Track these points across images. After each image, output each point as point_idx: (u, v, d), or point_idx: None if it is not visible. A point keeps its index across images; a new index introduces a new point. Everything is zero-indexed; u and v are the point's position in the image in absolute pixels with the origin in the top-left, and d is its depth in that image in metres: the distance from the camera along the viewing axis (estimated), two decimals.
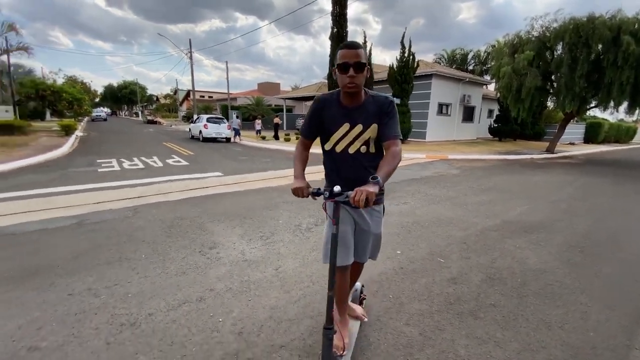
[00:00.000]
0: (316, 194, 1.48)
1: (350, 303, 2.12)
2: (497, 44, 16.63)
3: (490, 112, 24.93)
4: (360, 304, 2.28)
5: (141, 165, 8.68)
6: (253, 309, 2.28)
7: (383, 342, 1.98)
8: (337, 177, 1.70)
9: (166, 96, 76.07)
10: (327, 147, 1.69)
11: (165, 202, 5.08)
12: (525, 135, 22.65)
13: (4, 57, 20.58)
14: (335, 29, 17.07)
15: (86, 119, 37.55)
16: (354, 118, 1.60)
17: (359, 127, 1.60)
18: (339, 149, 1.65)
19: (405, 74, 16.29)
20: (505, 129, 21.86)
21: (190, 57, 30.66)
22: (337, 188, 1.40)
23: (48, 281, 2.58)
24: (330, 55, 18.20)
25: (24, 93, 28.75)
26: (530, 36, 14.51)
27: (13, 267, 2.82)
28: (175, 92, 63.07)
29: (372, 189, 1.30)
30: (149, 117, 41.15)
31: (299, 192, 1.50)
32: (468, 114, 21.38)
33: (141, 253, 3.15)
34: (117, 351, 1.84)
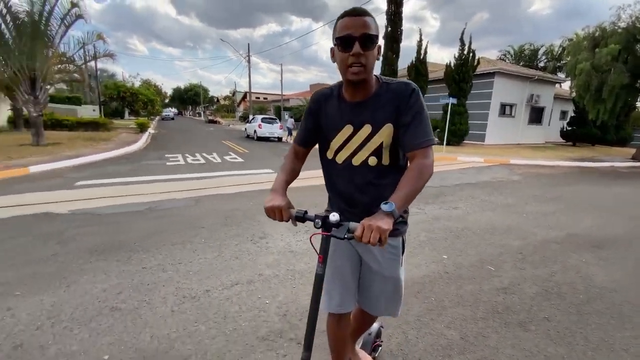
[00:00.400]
0: (301, 218, 1.07)
1: (357, 349, 1.67)
2: (576, 37, 14.94)
3: (564, 113, 22.50)
4: (373, 351, 1.74)
5: (202, 161, 9.48)
6: (297, 296, 2.43)
7: (421, 340, 1.99)
8: (338, 198, 1.30)
9: (225, 97, 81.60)
10: (329, 155, 1.27)
11: (223, 195, 5.53)
12: (607, 140, 19.96)
13: (92, 63, 23.80)
14: (390, 28, 16.75)
15: (157, 118, 41.84)
16: (360, 117, 1.15)
17: (366, 129, 1.14)
18: (340, 159, 1.22)
19: (463, 73, 15.46)
20: (581, 132, 19.54)
21: (249, 61, 32.46)
22: (334, 216, 1.00)
23: (127, 255, 3.02)
24: (382, 56, 17.98)
25: (108, 94, 33.08)
26: (615, 27, 12.83)
27: (100, 242, 3.34)
28: (234, 93, 67.30)
29: (385, 224, 0.91)
30: (210, 117, 44.61)
31: (275, 212, 1.09)
32: (536, 116, 19.53)
33: (201, 238, 3.51)
34: (180, 318, 2.11)
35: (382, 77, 1.16)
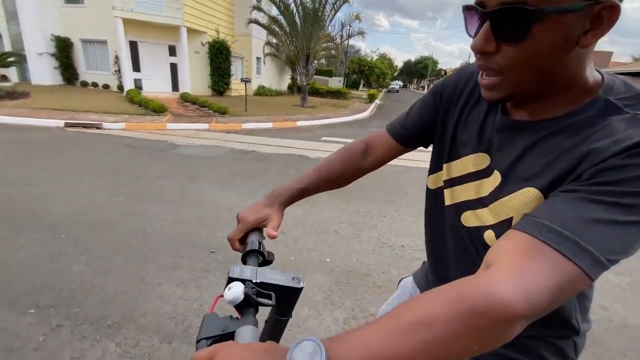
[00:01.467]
0: (244, 259, 0.62)
1: None
2: None
3: None
4: None
5: None
6: None
7: None
8: (429, 253, 0.81)
9: (454, 70, 76.98)
10: (431, 184, 0.74)
11: (426, 169, 5.68)
12: None
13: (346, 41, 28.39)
14: None
15: (384, 90, 45.62)
16: (505, 149, 0.54)
17: (494, 179, 0.56)
18: (449, 198, 0.67)
19: None
20: None
21: None
22: (230, 291, 0.47)
23: (347, 199, 3.84)
24: None
25: (351, 68, 38.86)
26: None
27: None
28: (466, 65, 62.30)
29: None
30: None
31: (233, 232, 0.67)
32: None
33: (404, 202, 3.90)
34: (377, 257, 2.61)
35: (617, 86, 0.47)
